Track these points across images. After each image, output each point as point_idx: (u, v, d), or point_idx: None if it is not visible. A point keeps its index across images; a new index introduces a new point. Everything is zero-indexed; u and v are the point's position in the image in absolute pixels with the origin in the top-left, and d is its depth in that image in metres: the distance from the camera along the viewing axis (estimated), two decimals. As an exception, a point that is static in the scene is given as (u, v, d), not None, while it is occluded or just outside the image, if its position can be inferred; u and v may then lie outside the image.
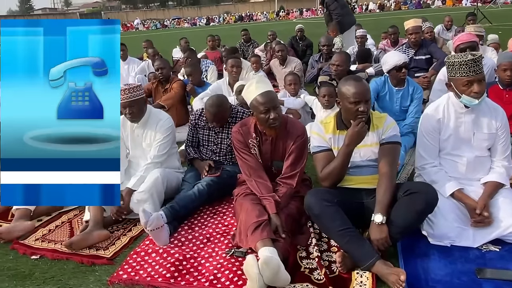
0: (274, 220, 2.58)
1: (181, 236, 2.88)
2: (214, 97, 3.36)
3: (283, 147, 2.88)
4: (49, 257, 2.74)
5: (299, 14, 42.86)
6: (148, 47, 8.87)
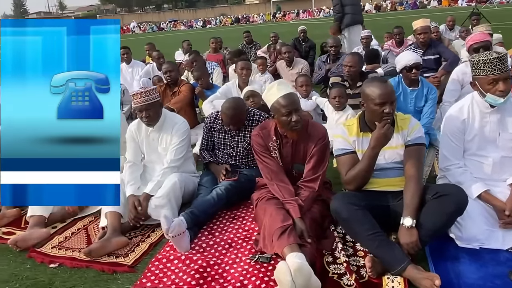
0: (299, 224, 2.53)
1: (202, 242, 2.83)
2: (231, 100, 3.31)
3: (304, 150, 2.84)
4: (68, 265, 2.68)
5: (295, 15, 42.87)
6: (151, 50, 8.81)
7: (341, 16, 7.22)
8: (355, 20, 7.29)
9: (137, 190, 3.13)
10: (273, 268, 2.45)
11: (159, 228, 3.05)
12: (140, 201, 3.00)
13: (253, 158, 3.45)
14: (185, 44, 9.23)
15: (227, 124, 3.31)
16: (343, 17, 7.22)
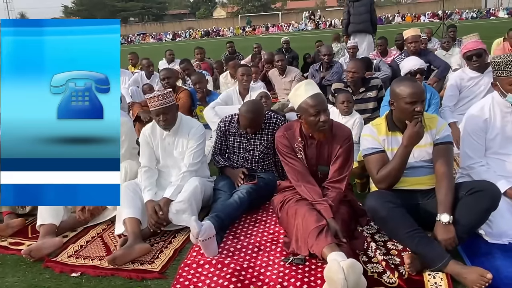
0: (332, 224, 2.51)
1: (229, 246, 2.76)
2: (250, 103, 3.29)
3: (329, 151, 2.84)
4: (91, 274, 2.55)
5: (265, 29, 43.40)
6: (134, 59, 8.70)
7: (347, 23, 7.78)
8: (355, 29, 7.68)
9: (155, 195, 3.03)
10: (309, 269, 2.43)
11: (180, 234, 2.97)
12: (160, 206, 2.90)
13: (269, 161, 3.45)
14: (167, 53, 9.14)
15: (245, 127, 3.28)
16: (348, 25, 7.76)
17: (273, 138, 3.36)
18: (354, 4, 7.63)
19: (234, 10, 73.41)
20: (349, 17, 7.75)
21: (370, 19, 7.68)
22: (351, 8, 7.69)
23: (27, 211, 3.35)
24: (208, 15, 79.56)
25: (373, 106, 4.41)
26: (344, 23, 7.93)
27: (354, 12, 7.65)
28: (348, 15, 7.77)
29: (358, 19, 7.65)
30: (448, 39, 7.62)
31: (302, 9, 63.24)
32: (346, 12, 7.84)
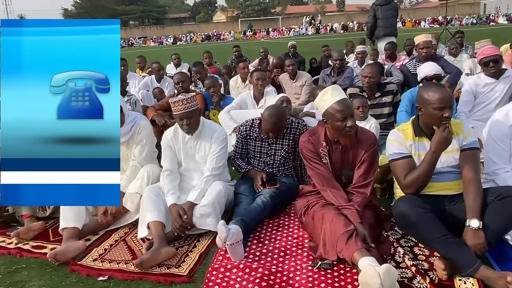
0: (360, 229, 2.51)
1: (254, 250, 2.76)
2: (273, 108, 3.29)
3: (353, 156, 2.84)
4: (118, 277, 2.55)
5: (266, 34, 43.53)
6: (142, 63, 8.70)
7: (372, 27, 7.93)
8: (385, 33, 7.82)
9: (178, 199, 3.03)
10: (338, 274, 2.44)
11: (203, 238, 2.98)
12: (184, 210, 2.90)
13: (289, 166, 3.46)
14: (174, 57, 9.15)
15: (267, 131, 3.28)
16: (375, 29, 7.92)
17: (294, 142, 3.37)
18: (381, 8, 7.77)
19: (234, 14, 73.63)
20: (376, 21, 7.88)
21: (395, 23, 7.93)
22: (379, 12, 7.82)
23: (47, 214, 3.35)
24: (208, 19, 79.82)
25: (388, 111, 4.42)
26: (369, 26, 8.09)
27: (382, 16, 7.80)
28: (374, 19, 7.89)
29: (387, 22, 7.84)
30: (456, 45, 7.65)
31: (302, 14, 63.49)
32: (371, 16, 7.95)
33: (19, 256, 2.88)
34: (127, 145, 3.39)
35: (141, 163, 3.35)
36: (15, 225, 3.32)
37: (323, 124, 2.83)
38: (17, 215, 3.35)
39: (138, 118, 3.46)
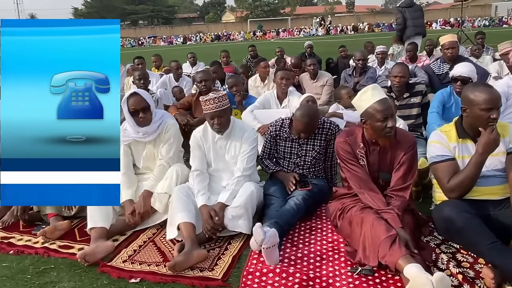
0: (402, 234, 2.41)
1: (289, 254, 2.67)
2: (306, 107, 3.20)
3: (391, 158, 2.75)
4: (151, 280, 2.47)
5: (275, 34, 43.44)
6: (158, 61, 8.64)
7: (403, 28, 8.25)
8: (416, 32, 8.17)
9: (208, 199, 2.95)
10: (380, 280, 2.35)
11: (234, 240, 2.90)
12: (216, 211, 2.82)
13: (319, 167, 3.37)
14: (189, 56, 9.09)
15: (299, 131, 3.19)
16: (404, 29, 8.25)
17: (326, 143, 3.28)
18: (408, 9, 8.18)
19: (243, 15, 73.60)
20: (405, 21, 8.24)
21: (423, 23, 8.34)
22: (406, 13, 8.20)
23: (72, 213, 3.28)
24: (217, 19, 79.85)
25: (417, 112, 4.30)
26: (399, 29, 8.43)
27: (411, 16, 8.19)
28: (403, 20, 8.25)
29: (417, 22, 8.22)
30: (478, 46, 7.52)
31: (311, 15, 63.35)
32: (400, 18, 8.29)
33: (46, 256, 2.82)
34: (154, 144, 3.33)
35: (168, 163, 3.27)
36: (40, 224, 3.27)
37: (361, 124, 2.74)
38: (42, 213, 3.30)
39: (166, 117, 3.39)
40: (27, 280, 2.57)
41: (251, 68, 9.46)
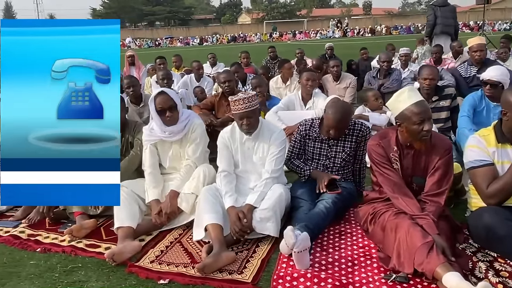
0: (439, 241, 2.33)
1: (319, 259, 2.61)
2: (339, 104, 3.11)
3: (426, 162, 2.67)
4: (180, 281, 2.43)
5: (292, 36, 43.35)
6: (178, 61, 8.65)
7: (433, 25, 8.39)
8: (444, 31, 8.30)
9: (235, 201, 2.91)
10: (416, 288, 2.27)
11: (262, 243, 2.85)
12: (244, 213, 2.78)
13: (348, 170, 3.30)
14: (209, 56, 9.09)
15: (330, 128, 3.09)
16: (434, 27, 8.39)
17: (356, 145, 3.21)
18: (440, 8, 8.27)
19: (259, 17, 73.65)
20: (435, 20, 8.33)
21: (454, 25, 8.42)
22: (437, 12, 8.28)
23: (98, 212, 3.27)
24: (233, 20, 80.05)
25: (446, 116, 4.21)
26: (429, 25, 8.53)
27: (442, 15, 8.29)
28: (434, 18, 8.34)
29: (446, 22, 8.31)
30: (505, 49, 7.35)
31: (328, 17, 63.09)
32: (431, 15, 8.40)
33: (73, 255, 2.81)
34: (180, 144, 3.30)
35: (195, 163, 3.24)
36: (66, 222, 3.27)
37: (395, 127, 2.67)
38: (68, 212, 3.29)
39: (192, 116, 3.37)
40: (55, 278, 2.55)
41: (271, 69, 9.43)
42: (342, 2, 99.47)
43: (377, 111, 4.49)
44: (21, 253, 2.88)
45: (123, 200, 3.01)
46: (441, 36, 8.20)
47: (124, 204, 2.99)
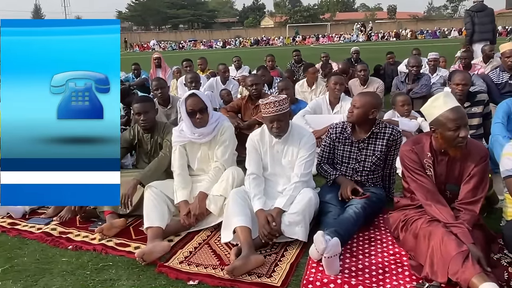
0: (474, 251, 2.27)
1: (349, 265, 2.58)
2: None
3: (461, 169, 2.61)
4: (208, 283, 2.45)
5: (315, 40, 43.19)
6: (204, 64, 8.71)
7: (472, 33, 8.20)
8: (482, 38, 8.10)
9: (264, 204, 2.90)
10: (449, 298, 2.21)
11: (291, 247, 2.84)
12: (273, 216, 2.77)
13: (378, 175, 3.26)
14: (234, 59, 9.11)
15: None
16: (473, 34, 8.20)
17: (386, 149, 3.16)
18: (477, 14, 8.09)
19: (282, 20, 73.60)
20: (473, 26, 8.15)
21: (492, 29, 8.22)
22: (475, 18, 8.11)
23: (128, 211, 3.30)
24: (256, 24, 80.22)
25: (478, 123, 4.12)
26: (469, 32, 8.37)
27: (479, 22, 8.11)
28: (472, 25, 8.17)
29: (484, 28, 8.11)
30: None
31: (351, 21, 62.56)
32: (469, 22, 8.24)
33: (104, 253, 2.85)
34: (209, 146, 3.32)
35: (223, 165, 3.26)
36: (96, 221, 3.32)
37: (429, 132, 2.63)
38: (99, 210, 3.34)
39: (222, 119, 3.38)
40: (86, 276, 2.60)
41: (295, 73, 9.40)
42: (366, 6, 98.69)
43: (408, 117, 4.42)
44: (53, 250, 2.94)
45: (153, 200, 3.05)
46: (480, 43, 7.98)
47: (154, 204, 3.03)
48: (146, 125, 3.51)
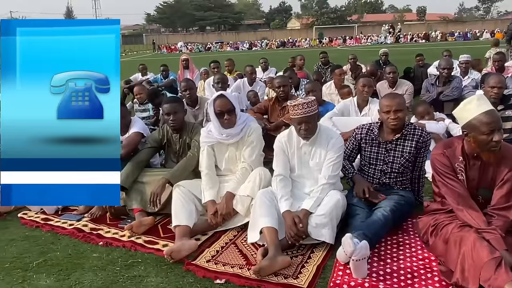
0: (508, 257, 2.21)
1: (377, 268, 2.55)
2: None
3: (494, 174, 2.54)
4: (236, 282, 2.47)
5: (342, 42, 42.85)
6: (231, 66, 8.77)
7: None
8: None
9: (291, 205, 2.90)
10: (481, 305, 2.16)
11: (317, 249, 2.83)
12: (300, 218, 2.77)
13: (407, 177, 3.21)
14: (261, 61, 9.14)
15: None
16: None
17: (415, 151, 3.11)
18: None
19: (309, 22, 73.31)
20: None
21: None
22: None
23: (156, 209, 3.36)
24: (282, 26, 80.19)
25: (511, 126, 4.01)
26: (510, 34, 8.82)
27: None
28: None
29: None
30: None
31: (379, 22, 61.80)
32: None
33: (133, 250, 2.91)
34: (237, 146, 3.34)
35: (251, 166, 3.27)
36: (126, 218, 3.38)
37: (461, 136, 2.57)
38: (128, 208, 3.41)
39: (249, 120, 3.40)
40: (116, 272, 2.65)
41: (322, 75, 9.35)
42: (394, 7, 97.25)
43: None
44: (84, 245, 3.02)
45: (181, 199, 3.09)
46: None
47: (182, 203, 3.07)
48: (175, 125, 3.56)
